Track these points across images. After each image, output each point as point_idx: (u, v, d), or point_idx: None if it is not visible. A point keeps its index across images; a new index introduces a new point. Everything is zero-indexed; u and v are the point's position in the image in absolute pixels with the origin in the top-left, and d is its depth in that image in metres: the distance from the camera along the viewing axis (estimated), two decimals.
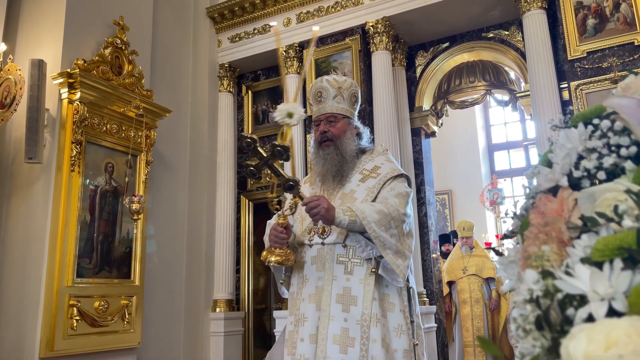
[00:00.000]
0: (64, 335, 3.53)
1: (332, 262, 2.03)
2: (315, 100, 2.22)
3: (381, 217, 1.96)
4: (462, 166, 9.22)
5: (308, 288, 2.05)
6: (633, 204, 0.57)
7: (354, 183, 2.16)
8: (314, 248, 2.08)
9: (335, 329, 1.95)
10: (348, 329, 1.95)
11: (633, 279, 0.48)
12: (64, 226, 3.64)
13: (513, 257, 0.73)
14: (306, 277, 2.07)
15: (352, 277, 2.01)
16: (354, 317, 1.96)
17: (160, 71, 4.95)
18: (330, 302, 1.98)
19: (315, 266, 2.06)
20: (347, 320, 1.96)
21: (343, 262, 2.03)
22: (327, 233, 2.07)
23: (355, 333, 1.94)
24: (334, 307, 1.98)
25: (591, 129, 0.73)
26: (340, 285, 2.00)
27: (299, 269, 2.11)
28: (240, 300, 5.43)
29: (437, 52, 5.34)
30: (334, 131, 2.17)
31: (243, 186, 5.75)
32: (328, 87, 2.20)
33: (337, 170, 2.16)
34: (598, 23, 4.14)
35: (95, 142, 3.94)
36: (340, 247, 2.04)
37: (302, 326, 2.01)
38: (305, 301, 2.04)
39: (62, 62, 3.87)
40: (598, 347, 0.44)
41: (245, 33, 5.69)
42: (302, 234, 2.13)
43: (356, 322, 1.96)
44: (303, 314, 2.02)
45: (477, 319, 6.06)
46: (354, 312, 1.97)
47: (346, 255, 2.04)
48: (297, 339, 2.00)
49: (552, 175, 0.72)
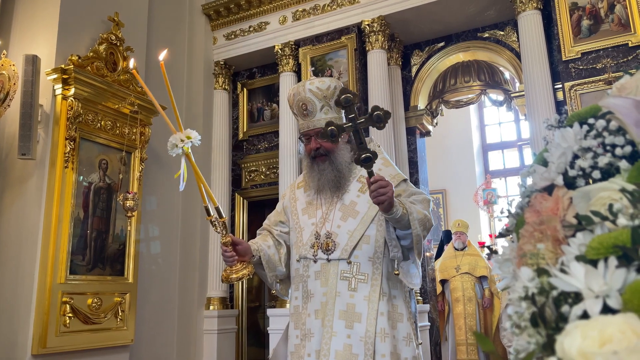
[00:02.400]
0: (56, 332, 3.52)
1: (335, 278, 2.00)
2: (301, 114, 2.10)
3: (421, 217, 1.94)
4: (456, 166, 9.25)
5: (313, 304, 2.02)
6: (627, 202, 0.57)
7: (353, 193, 2.11)
8: (318, 263, 2.04)
9: (338, 345, 1.93)
10: (351, 345, 1.93)
11: (627, 276, 0.49)
12: (57, 223, 3.62)
13: (508, 255, 0.73)
14: (311, 292, 2.03)
15: (356, 293, 1.98)
16: (357, 333, 1.94)
17: (155, 68, 4.92)
18: (333, 319, 1.96)
19: (319, 281, 2.02)
20: (351, 337, 1.94)
21: (347, 279, 2.00)
22: (332, 249, 2.03)
23: (359, 349, 1.92)
24: (337, 323, 1.95)
25: (586, 128, 0.74)
26: (343, 301, 1.98)
27: (302, 282, 2.07)
28: (233, 298, 5.43)
29: (432, 52, 5.35)
30: (327, 146, 2.06)
31: (238, 184, 5.74)
32: (313, 100, 2.07)
33: (334, 184, 2.10)
34: (593, 24, 4.16)
35: (89, 139, 3.92)
36: (344, 263, 2.00)
37: (308, 341, 1.99)
38: (311, 317, 2.01)
39: (57, 58, 3.85)
40: (592, 343, 0.44)
41: (240, 31, 5.68)
42: (303, 247, 2.08)
43: (360, 339, 1.93)
44: (309, 330, 2.00)
45: (470, 317, 6.08)
46: (358, 328, 1.94)
47: (350, 271, 2.01)
48: (305, 354, 1.98)
49: (547, 174, 0.73)
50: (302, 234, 2.11)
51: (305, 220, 2.15)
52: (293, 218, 2.19)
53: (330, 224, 2.07)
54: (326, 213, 2.11)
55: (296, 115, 2.16)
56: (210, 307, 5.16)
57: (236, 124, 5.87)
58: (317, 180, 2.11)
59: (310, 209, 2.17)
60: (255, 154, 5.73)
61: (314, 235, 2.07)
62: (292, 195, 2.27)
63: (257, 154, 5.72)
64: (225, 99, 5.75)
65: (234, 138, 5.84)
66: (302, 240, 2.10)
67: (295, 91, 2.11)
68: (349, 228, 2.04)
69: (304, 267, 2.07)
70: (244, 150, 5.79)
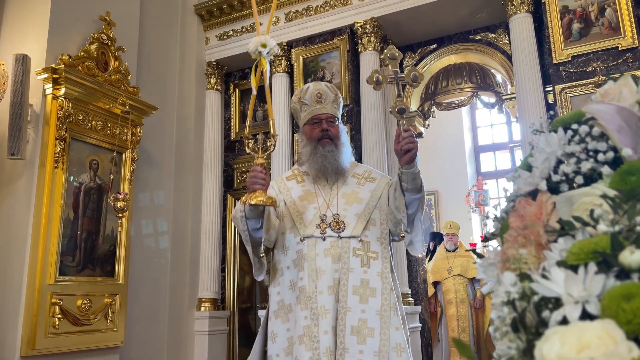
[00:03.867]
0: (45, 334, 3.49)
1: (348, 255, 2.09)
2: (315, 101, 2.27)
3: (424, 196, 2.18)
4: (448, 167, 9.27)
5: (324, 281, 2.06)
6: (608, 208, 0.58)
7: (351, 185, 2.26)
8: (327, 241, 2.11)
9: (353, 320, 2.00)
10: (367, 320, 2.01)
11: (606, 282, 0.49)
12: (47, 223, 3.60)
13: (492, 260, 0.74)
14: (321, 269, 2.07)
15: (369, 269, 2.09)
16: (373, 307, 2.04)
17: (147, 68, 4.91)
18: (347, 294, 2.03)
19: (330, 258, 2.08)
20: (366, 312, 2.02)
21: (359, 255, 2.10)
22: (342, 227, 2.12)
23: (374, 323, 2.01)
24: (351, 299, 2.03)
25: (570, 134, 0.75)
26: (357, 277, 2.06)
27: (307, 261, 2.09)
28: (225, 299, 5.41)
29: (424, 54, 5.37)
30: (334, 132, 2.26)
31: (229, 185, 5.73)
32: (328, 92, 2.29)
33: (336, 168, 2.23)
34: (583, 27, 4.19)
35: (79, 139, 3.90)
36: (356, 241, 2.11)
37: (323, 319, 2.01)
38: (323, 293, 2.04)
39: (47, 58, 3.82)
40: (571, 349, 0.44)
41: (233, 31, 5.67)
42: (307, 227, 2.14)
43: (376, 313, 2.03)
44: (323, 306, 2.02)
45: (463, 319, 6.11)
46: (373, 303, 2.04)
47: (362, 249, 2.11)
48: (320, 332, 1.98)
49: (531, 179, 0.73)
50: (303, 217, 2.16)
51: (305, 205, 2.20)
52: (289, 204, 2.23)
53: (335, 207, 2.17)
54: (328, 199, 2.21)
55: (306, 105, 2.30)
56: (201, 308, 5.14)
57: (228, 125, 5.86)
58: (321, 162, 2.22)
59: (308, 196, 2.23)
60: (247, 155, 5.70)
61: (318, 217, 2.14)
62: (283, 186, 2.31)
63: (249, 154, 5.68)
64: (217, 99, 5.74)
65: (226, 139, 5.83)
66: (305, 222, 2.15)
67: (310, 85, 2.33)
68: (356, 211, 2.17)
69: (310, 247, 2.11)
70: (236, 150, 5.78)
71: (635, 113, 0.68)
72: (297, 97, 2.35)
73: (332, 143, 2.24)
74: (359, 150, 4.78)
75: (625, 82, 0.74)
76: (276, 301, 2.17)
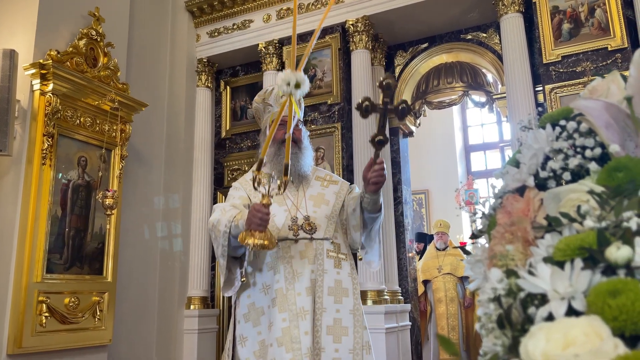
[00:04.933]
0: (32, 332, 3.45)
1: (322, 257, 2.13)
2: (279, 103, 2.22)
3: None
4: (439, 166, 9.30)
5: (302, 282, 2.08)
6: (595, 204, 0.57)
7: (316, 188, 2.30)
8: (301, 243, 2.14)
9: (328, 320, 2.05)
10: (341, 319, 2.07)
11: (592, 278, 0.49)
12: (34, 220, 3.56)
13: (480, 257, 0.73)
14: (297, 271, 2.10)
15: (341, 270, 2.15)
16: (346, 307, 2.10)
17: (137, 64, 4.87)
18: (323, 295, 2.08)
19: (306, 260, 2.11)
20: (340, 311, 2.08)
21: (332, 257, 2.16)
22: (314, 229, 2.16)
23: (348, 322, 2.07)
24: (326, 300, 2.08)
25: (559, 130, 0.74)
26: (331, 278, 2.12)
27: (283, 264, 2.10)
28: (215, 298, 5.39)
29: (416, 53, 5.37)
30: (298, 135, 2.28)
31: (220, 182, 5.70)
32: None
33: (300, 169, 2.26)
34: (573, 28, 4.21)
35: (68, 135, 3.85)
36: (328, 242, 2.16)
37: (303, 320, 2.02)
38: (302, 295, 2.06)
39: (35, 53, 3.77)
40: (556, 346, 0.44)
41: (224, 28, 5.64)
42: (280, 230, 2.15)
43: (349, 312, 2.10)
44: (303, 307, 2.04)
45: (452, 317, 6.13)
46: (347, 302, 2.11)
47: (334, 250, 2.17)
48: (300, 334, 2.00)
49: (519, 176, 0.73)
50: (275, 219, 2.15)
51: (275, 208, 2.17)
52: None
53: (304, 209, 2.20)
54: (296, 202, 2.23)
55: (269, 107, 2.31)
56: (190, 306, 5.11)
57: (219, 122, 5.83)
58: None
59: (277, 199, 2.20)
60: (237, 153, 5.69)
61: (289, 219, 2.16)
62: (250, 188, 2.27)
63: (239, 152, 5.68)
64: (208, 96, 5.71)
65: (216, 136, 5.80)
66: (277, 224, 2.15)
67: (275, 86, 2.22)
68: (326, 213, 2.22)
69: (284, 249, 2.13)
70: (226, 148, 5.75)
71: (623, 109, 0.68)
72: (261, 98, 2.35)
73: (296, 146, 2.25)
74: (350, 148, 4.78)
75: (614, 78, 0.74)
76: (246, 304, 2.16)
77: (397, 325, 4.54)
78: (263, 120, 2.36)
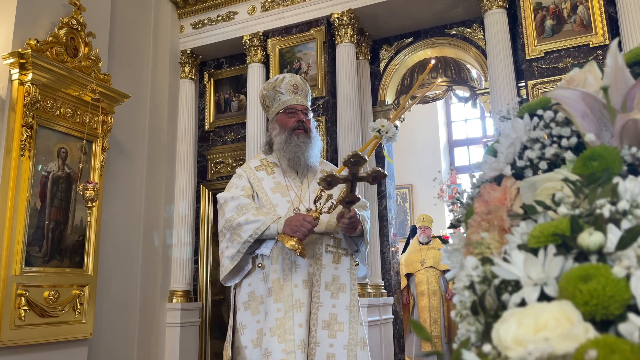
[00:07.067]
0: (11, 326, 3.40)
1: (321, 251, 2.14)
2: (291, 91, 2.28)
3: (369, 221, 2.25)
4: (423, 161, 9.35)
5: (300, 274, 2.09)
6: (570, 192, 0.58)
7: None
8: None
9: (324, 315, 2.06)
10: (337, 314, 2.08)
11: (565, 264, 0.49)
12: (12, 213, 3.49)
13: (457, 245, 0.74)
14: (295, 263, 2.10)
15: (340, 266, 2.15)
16: (343, 303, 2.10)
17: (119, 55, 4.80)
18: (320, 289, 2.09)
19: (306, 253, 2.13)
20: (336, 306, 2.09)
21: (331, 252, 2.16)
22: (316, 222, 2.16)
23: (344, 318, 2.08)
24: (323, 294, 2.09)
25: (536, 120, 0.75)
26: (329, 273, 2.12)
27: (282, 255, 2.11)
28: (197, 291, 5.36)
29: (401, 47, 5.38)
30: (308, 124, 2.29)
31: (203, 176, 5.66)
32: (303, 85, 2.34)
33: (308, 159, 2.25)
34: (556, 24, 4.25)
35: (47, 126, 3.79)
36: (328, 237, 2.16)
37: (297, 312, 2.04)
38: (298, 287, 2.07)
39: (14, 42, 3.70)
40: (527, 330, 0.44)
41: (208, 20, 5.58)
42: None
43: (345, 307, 2.10)
44: (298, 300, 2.05)
45: (434, 310, 6.18)
46: (343, 298, 2.11)
47: (334, 245, 2.17)
48: (294, 325, 2.01)
49: (496, 165, 0.73)
50: (277, 210, 2.16)
51: (278, 198, 2.20)
52: (261, 196, 2.22)
53: (307, 202, 2.20)
54: (300, 193, 2.23)
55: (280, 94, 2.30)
56: (173, 300, 5.08)
57: (202, 115, 5.78)
58: (295, 153, 2.23)
59: (280, 189, 2.23)
60: (221, 145, 5.65)
61: (292, 210, 2.16)
62: (253, 176, 2.29)
63: (223, 145, 5.64)
64: (191, 88, 5.65)
65: (200, 129, 5.75)
66: (279, 214, 2.14)
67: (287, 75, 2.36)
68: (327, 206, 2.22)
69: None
70: (210, 141, 5.71)
71: (599, 99, 0.68)
72: (272, 85, 2.33)
73: (306, 135, 2.25)
74: (335, 142, 4.78)
75: (590, 69, 0.74)
76: (247, 292, 2.16)
77: (380, 319, 4.57)
78: (272, 108, 2.34)
